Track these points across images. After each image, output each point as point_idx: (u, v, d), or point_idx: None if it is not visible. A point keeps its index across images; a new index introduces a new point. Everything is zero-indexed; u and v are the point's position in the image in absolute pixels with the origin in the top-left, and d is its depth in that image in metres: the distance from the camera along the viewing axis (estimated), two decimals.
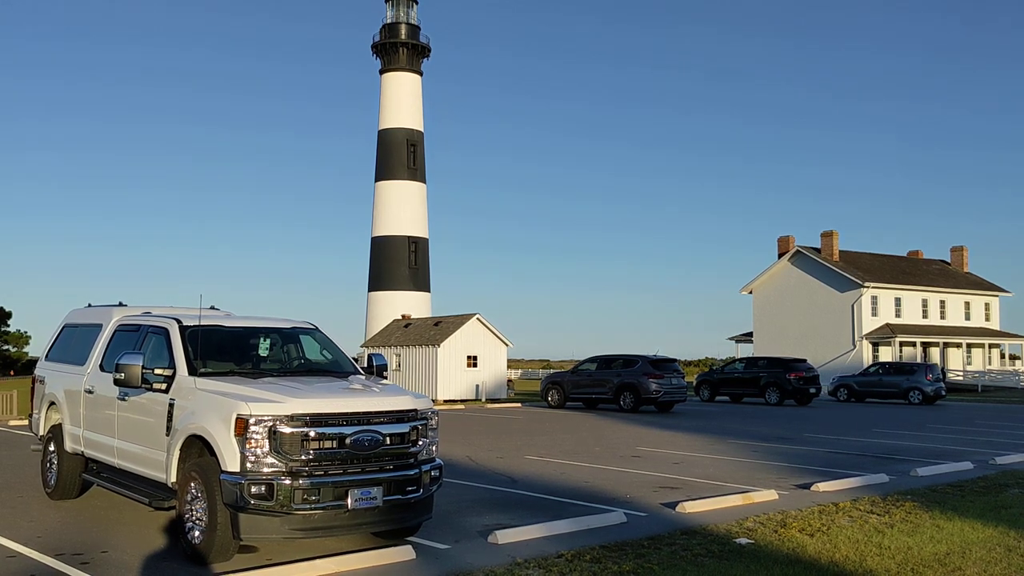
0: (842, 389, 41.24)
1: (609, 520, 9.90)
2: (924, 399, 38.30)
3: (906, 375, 39.52)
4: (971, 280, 60.12)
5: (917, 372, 39.59)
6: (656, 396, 30.42)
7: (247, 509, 7.46)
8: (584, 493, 12.06)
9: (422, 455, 8.35)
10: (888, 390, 39.74)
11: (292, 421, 7.62)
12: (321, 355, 10.05)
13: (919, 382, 38.69)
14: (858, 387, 40.67)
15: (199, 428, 7.92)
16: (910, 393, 38.73)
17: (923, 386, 38.45)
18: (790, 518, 10.29)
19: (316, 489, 7.57)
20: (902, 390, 39.06)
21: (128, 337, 9.93)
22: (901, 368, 40.82)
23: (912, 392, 38.67)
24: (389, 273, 55.91)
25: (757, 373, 38.24)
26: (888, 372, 40.54)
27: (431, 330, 40.28)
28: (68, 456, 10.66)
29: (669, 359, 32.25)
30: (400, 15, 58.08)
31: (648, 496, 11.87)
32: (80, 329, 11.34)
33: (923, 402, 38.16)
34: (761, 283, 57.94)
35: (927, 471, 14.50)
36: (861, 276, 52.61)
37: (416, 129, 57.49)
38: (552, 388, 33.89)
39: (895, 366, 41.45)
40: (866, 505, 11.30)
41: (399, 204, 56.32)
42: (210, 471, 7.73)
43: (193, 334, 9.07)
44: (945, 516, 10.50)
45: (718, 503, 11.09)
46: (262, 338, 9.92)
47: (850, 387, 40.93)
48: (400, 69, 57.55)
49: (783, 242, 57.33)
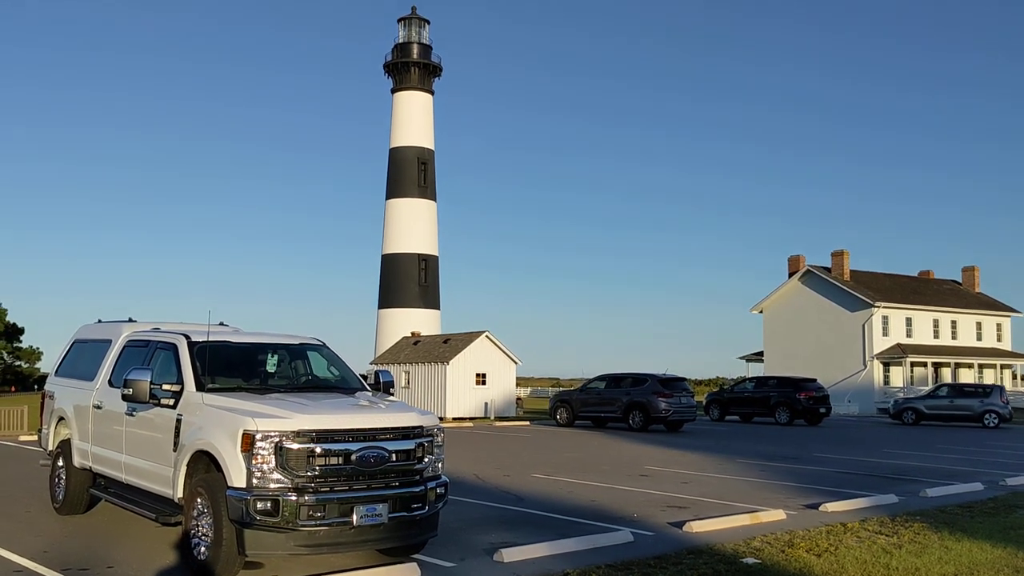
0: (908, 412, 38.80)
1: (616, 539, 9.87)
2: (1000, 421, 36.48)
3: (980, 397, 37.42)
4: (982, 300, 59.85)
5: (992, 394, 37.50)
6: (665, 415, 30.35)
7: (253, 525, 7.48)
8: (591, 511, 12.03)
9: (428, 472, 8.36)
10: (961, 413, 37.49)
11: (298, 437, 7.64)
12: (328, 371, 10.09)
13: (994, 404, 36.80)
14: (927, 410, 38.33)
15: (206, 444, 7.95)
16: (986, 416, 36.65)
17: (998, 408, 36.67)
18: (797, 538, 10.24)
19: (322, 505, 7.59)
20: (977, 413, 36.97)
21: (137, 353, 9.99)
22: (973, 390, 38.85)
23: (988, 415, 36.63)
24: (399, 290, 55.96)
25: (767, 393, 38.10)
26: (959, 394, 38.38)
27: (440, 347, 40.32)
28: (76, 471, 10.70)
29: (678, 378, 32.20)
30: (412, 35, 58.37)
31: (655, 515, 11.83)
32: (90, 345, 11.40)
33: (998, 425, 36.31)
34: (771, 302, 57.82)
35: (937, 492, 14.42)
36: (872, 296, 52.46)
37: (427, 147, 57.68)
38: (561, 406, 33.85)
39: (965, 388, 39.47)
40: (874, 525, 11.24)
41: (409, 222, 56.45)
42: (216, 487, 7.75)
43: (201, 350, 9.12)
44: (954, 537, 10.43)
45: (725, 522, 11.05)
46: (270, 354, 9.96)
47: (917, 410, 38.59)
48: (411, 88, 57.78)
49: (793, 261, 57.23)
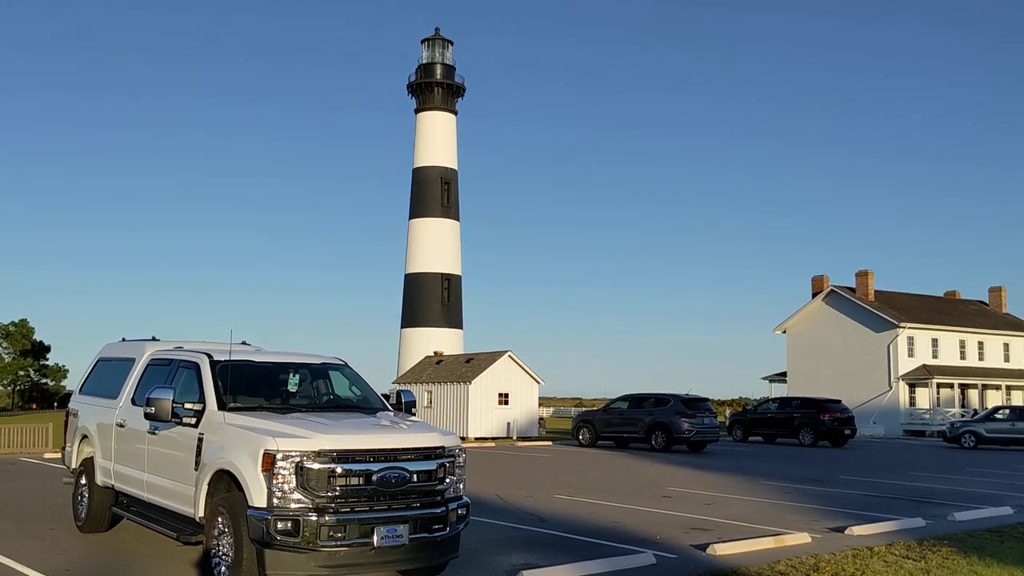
0: (968, 436, 36.50)
1: (638, 561, 9.77)
2: None
3: None
4: (1010, 321, 59.09)
5: None
6: (688, 435, 30.16)
7: (273, 545, 7.45)
8: (613, 533, 11.93)
9: (449, 493, 8.31)
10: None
11: (319, 457, 7.62)
12: (350, 391, 10.07)
13: None
14: (987, 433, 36.18)
15: (227, 463, 7.95)
16: None
17: None
18: (823, 562, 10.10)
19: (342, 526, 7.55)
20: None
21: (160, 371, 10.02)
22: None
23: None
24: (422, 310, 56.06)
25: (791, 413, 37.75)
26: (1020, 417, 36.08)
27: (463, 367, 40.26)
28: (99, 489, 10.72)
29: (701, 398, 32.02)
30: (435, 55, 58.75)
31: (678, 537, 11.71)
32: (113, 363, 11.46)
33: None
34: (795, 323, 57.38)
35: (965, 515, 14.19)
36: (897, 316, 51.93)
37: (450, 167, 57.92)
38: (583, 426, 33.70)
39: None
40: (901, 550, 11.06)
41: (433, 241, 56.63)
42: (237, 506, 7.74)
43: (223, 369, 9.13)
44: (983, 563, 10.24)
45: (750, 545, 10.92)
46: (291, 373, 9.97)
47: (978, 434, 36.33)
48: (435, 108, 58.11)
49: (817, 281, 56.79)
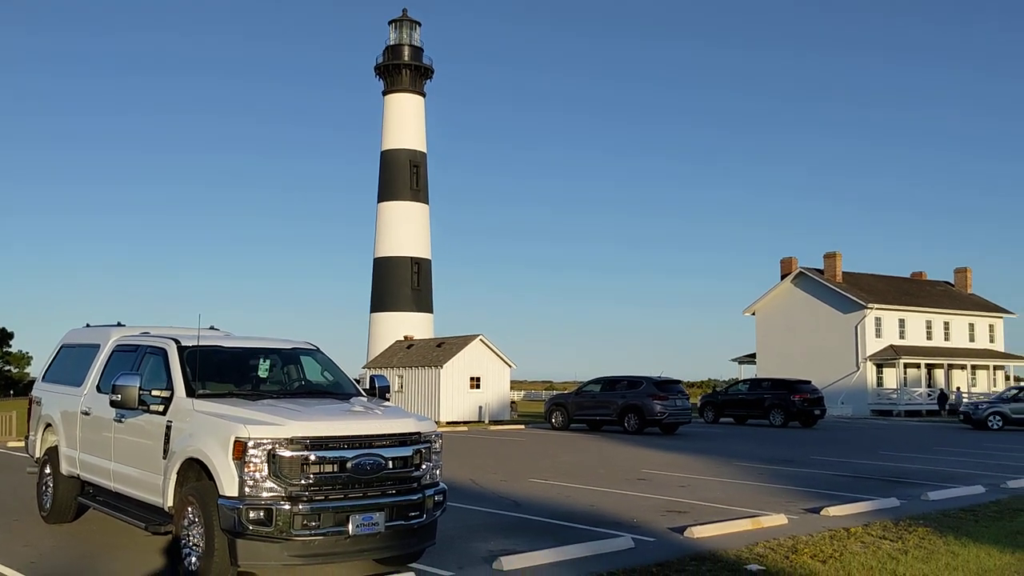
0: (995, 417, 35.95)
1: (617, 545, 9.67)
2: None
3: None
4: (975, 301, 59.85)
5: None
6: (661, 418, 30.20)
7: (245, 535, 7.25)
8: (590, 517, 11.83)
9: (425, 479, 8.14)
10: None
11: (292, 444, 7.42)
12: (322, 376, 9.86)
13: None
14: (1012, 414, 35.82)
15: (196, 451, 7.72)
16: None
17: None
18: (801, 543, 10.06)
19: (316, 514, 7.36)
20: None
21: (126, 358, 9.75)
22: None
23: None
24: (391, 294, 55.71)
25: (761, 395, 38.00)
26: None
27: (434, 351, 40.06)
28: (64, 479, 10.45)
29: (674, 380, 32.03)
30: (403, 37, 58.17)
31: (655, 520, 11.64)
32: (77, 349, 11.16)
33: None
34: (764, 304, 57.71)
35: (938, 495, 14.25)
36: (864, 297, 52.38)
37: (419, 150, 57.48)
38: (556, 410, 33.66)
39: None
40: (878, 530, 11.06)
41: (401, 225, 56.21)
42: (207, 495, 7.52)
43: (191, 355, 8.88)
44: (960, 542, 10.25)
45: (727, 528, 10.86)
46: (262, 359, 9.73)
47: (1004, 415, 35.84)
48: (403, 90, 57.59)
49: (786, 263, 57.11)
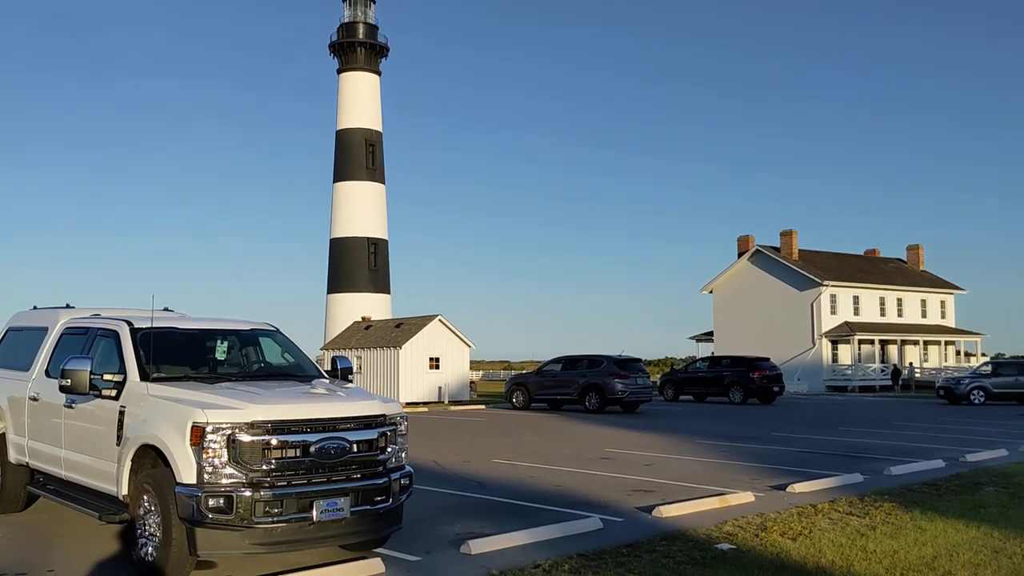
0: (977, 392, 36.19)
1: (586, 526, 9.53)
2: None
3: None
4: (927, 278, 60.78)
5: None
6: (622, 396, 30.22)
7: (204, 523, 6.97)
8: (556, 497, 11.69)
9: (391, 463, 7.90)
10: None
11: (252, 429, 7.14)
12: (282, 358, 9.57)
13: None
14: (994, 389, 36.21)
15: (152, 437, 7.41)
16: None
17: None
18: (769, 521, 10.00)
19: (279, 501, 7.10)
20: None
21: (75, 341, 9.36)
22: None
23: None
24: (348, 275, 55.19)
25: (721, 372, 38.20)
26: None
27: (392, 332, 39.74)
28: (12, 468, 10.05)
29: (634, 359, 32.06)
30: (358, 14, 57.39)
31: (623, 500, 11.52)
32: (25, 333, 10.72)
33: None
34: (721, 282, 58.10)
35: (900, 470, 14.34)
36: (820, 275, 52.93)
37: (375, 129, 56.86)
38: (516, 389, 33.56)
39: None
40: (844, 506, 11.05)
41: (358, 205, 55.64)
42: (164, 483, 7.22)
43: (145, 337, 8.54)
44: (926, 517, 10.27)
45: (695, 506, 10.78)
46: (219, 341, 9.39)
47: (987, 390, 36.20)
48: (358, 69, 56.89)
49: (743, 241, 57.53)
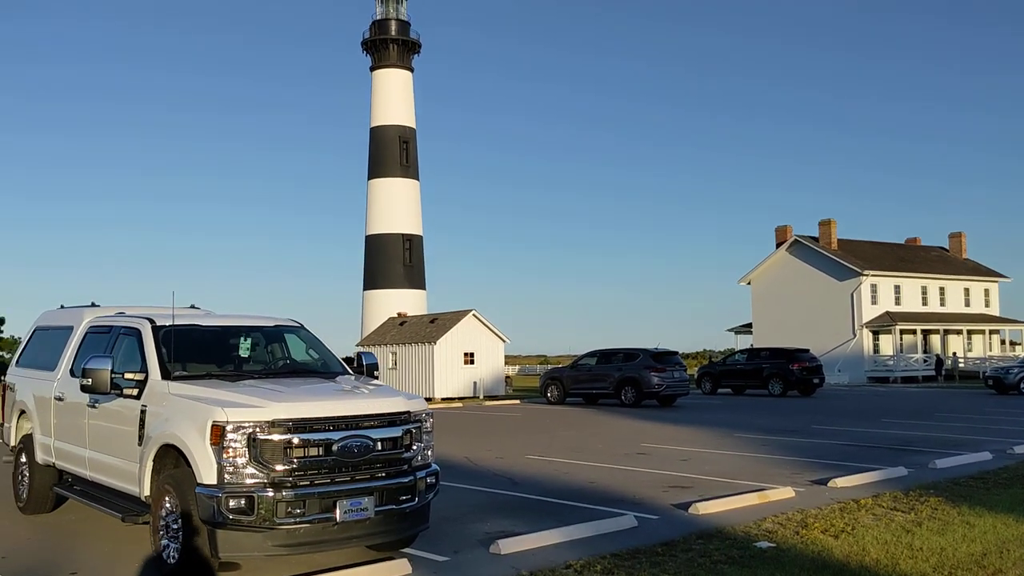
0: None
1: (620, 524, 9.27)
2: None
3: None
4: (970, 266, 59.56)
5: None
6: (658, 390, 29.82)
7: (226, 525, 6.81)
8: (590, 495, 11.42)
9: (416, 461, 7.70)
10: None
11: (274, 427, 6.97)
12: (307, 354, 9.40)
13: None
14: None
15: (172, 437, 7.26)
16: None
17: None
18: (810, 517, 9.67)
19: (301, 501, 6.92)
20: None
21: (99, 339, 9.27)
22: None
23: None
24: (384, 271, 55.18)
25: (759, 364, 37.60)
26: None
27: (427, 327, 39.61)
28: (40, 468, 10.00)
29: (671, 352, 31.59)
30: (389, 11, 57.22)
31: (658, 496, 11.23)
32: (51, 332, 10.67)
33: None
34: (759, 273, 57.32)
35: (946, 463, 13.89)
36: (860, 264, 52.01)
37: (408, 126, 56.73)
38: (551, 384, 33.26)
39: None
40: (888, 501, 10.68)
41: (392, 202, 55.57)
42: (185, 483, 7.07)
43: (167, 334, 8.40)
44: (974, 512, 9.88)
45: (733, 503, 10.47)
46: (242, 338, 9.25)
47: None
48: (391, 66, 56.75)
49: (781, 232, 56.68)
